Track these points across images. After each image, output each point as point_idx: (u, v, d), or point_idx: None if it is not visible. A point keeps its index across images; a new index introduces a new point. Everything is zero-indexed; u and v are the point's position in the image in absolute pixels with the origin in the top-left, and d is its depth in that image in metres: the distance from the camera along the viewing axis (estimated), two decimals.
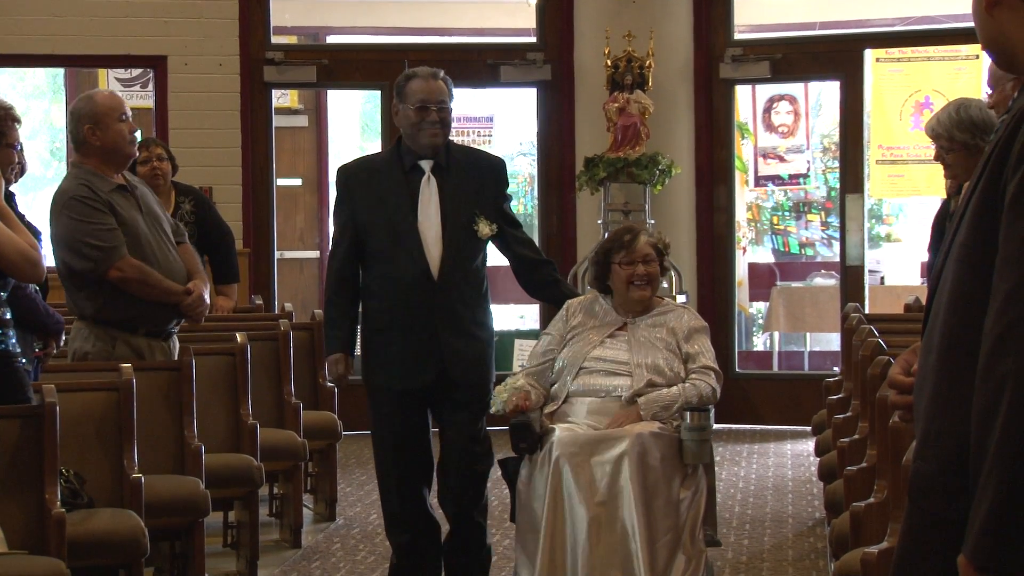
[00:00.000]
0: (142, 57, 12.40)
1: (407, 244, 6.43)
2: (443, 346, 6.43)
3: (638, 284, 6.44)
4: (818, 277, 14.95)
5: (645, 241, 6.49)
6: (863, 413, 7.12)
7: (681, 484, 6.14)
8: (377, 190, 6.53)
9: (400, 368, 6.48)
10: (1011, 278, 2.76)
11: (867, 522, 5.53)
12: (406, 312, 6.45)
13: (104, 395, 6.61)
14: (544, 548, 6.04)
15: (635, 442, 6.02)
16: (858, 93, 12.42)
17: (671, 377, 6.34)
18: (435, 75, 6.64)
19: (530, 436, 6.15)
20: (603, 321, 6.53)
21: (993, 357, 2.76)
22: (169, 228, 7.18)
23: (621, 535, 5.99)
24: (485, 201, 6.57)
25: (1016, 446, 2.72)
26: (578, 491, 6.03)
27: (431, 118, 6.45)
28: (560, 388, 6.43)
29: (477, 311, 6.56)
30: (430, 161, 6.52)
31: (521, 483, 6.22)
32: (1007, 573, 2.71)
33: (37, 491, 5.85)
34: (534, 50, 12.59)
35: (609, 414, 6.27)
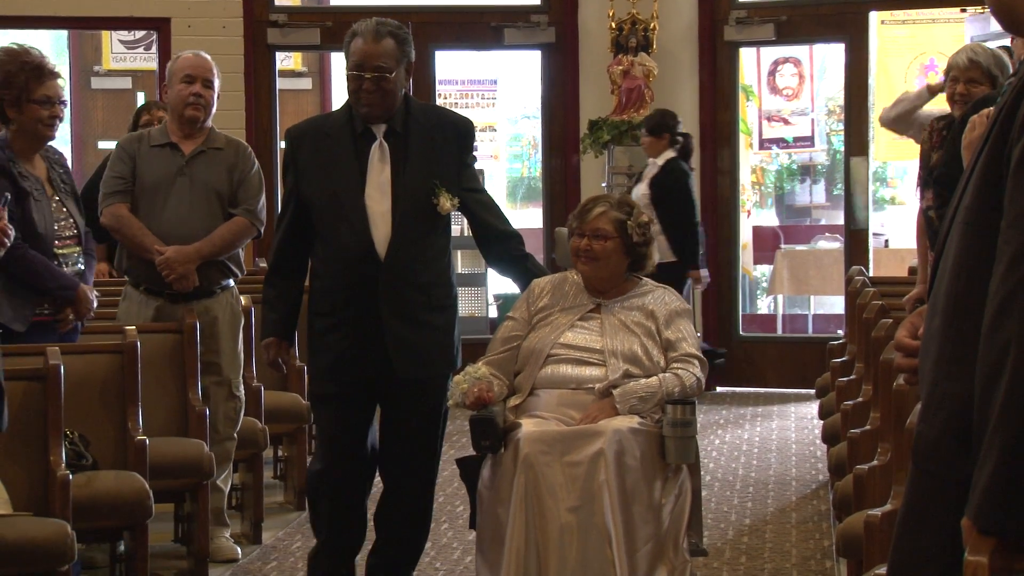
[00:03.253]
0: (145, 19, 12.41)
1: (351, 218, 5.71)
2: (388, 335, 5.69)
3: (582, 258, 5.77)
4: (822, 240, 14.97)
5: (601, 214, 5.77)
6: (867, 376, 7.14)
7: (663, 487, 5.45)
8: (324, 156, 5.82)
9: (340, 358, 5.78)
10: (1016, 241, 2.76)
11: (870, 485, 5.54)
12: (349, 295, 5.73)
13: (108, 357, 6.63)
14: (510, 559, 5.34)
15: (612, 439, 5.33)
16: (863, 56, 12.41)
17: (649, 367, 5.64)
18: (378, 34, 5.73)
19: (493, 432, 5.42)
20: (573, 303, 5.82)
21: (997, 320, 2.77)
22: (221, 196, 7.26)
23: (596, 544, 5.31)
24: (446, 168, 5.80)
25: (1020, 409, 2.73)
26: (548, 494, 5.34)
27: (365, 86, 5.67)
28: (526, 378, 5.70)
29: (433, 294, 5.80)
30: (383, 125, 5.77)
31: (483, 485, 5.51)
32: (1009, 535, 2.73)
33: (41, 453, 5.87)
34: (538, 12, 12.58)
35: (581, 407, 5.57)
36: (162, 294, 7.16)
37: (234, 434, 7.43)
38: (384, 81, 5.67)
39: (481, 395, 5.49)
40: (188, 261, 7.09)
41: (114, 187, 7.08)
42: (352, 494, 5.89)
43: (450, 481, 7.94)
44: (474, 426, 5.45)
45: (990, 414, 2.76)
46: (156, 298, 7.18)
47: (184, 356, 7.17)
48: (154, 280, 7.12)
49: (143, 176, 7.13)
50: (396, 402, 5.82)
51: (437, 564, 7.10)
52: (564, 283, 5.87)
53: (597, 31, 12.05)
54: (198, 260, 7.12)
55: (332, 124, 5.92)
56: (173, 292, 7.15)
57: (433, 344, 5.79)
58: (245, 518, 7.94)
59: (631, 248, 5.76)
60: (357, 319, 5.72)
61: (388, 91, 5.70)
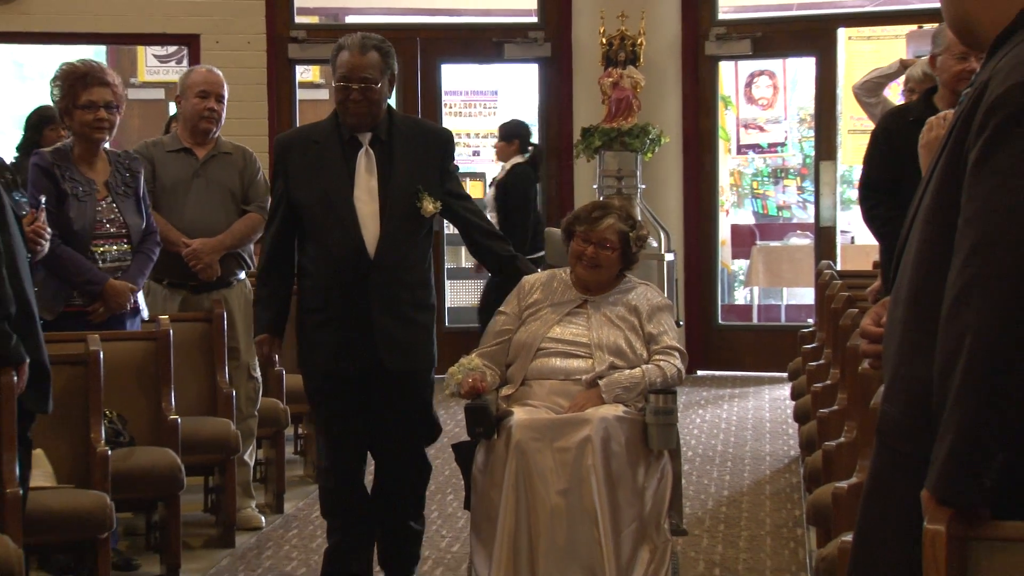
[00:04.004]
0: (177, 36, 12.40)
1: (342, 220, 5.61)
2: (377, 331, 5.60)
3: (584, 263, 5.69)
4: (794, 237, 14.96)
5: (610, 225, 5.69)
6: (835, 361, 7.14)
7: (646, 471, 5.37)
8: (313, 162, 5.70)
9: (331, 352, 5.69)
10: (972, 236, 2.76)
11: (838, 460, 5.54)
12: (339, 292, 5.64)
13: (143, 344, 6.64)
14: (502, 539, 5.26)
15: (599, 427, 5.27)
16: (832, 68, 12.40)
17: (633, 358, 5.57)
18: (364, 47, 5.66)
19: (487, 420, 5.35)
20: (562, 299, 5.73)
21: (955, 308, 2.76)
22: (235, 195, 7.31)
23: (584, 525, 5.25)
24: (429, 175, 5.73)
25: (975, 390, 2.73)
26: (538, 478, 5.27)
27: (352, 96, 5.60)
28: (517, 369, 5.64)
29: (418, 293, 5.74)
30: (368, 134, 5.70)
31: (477, 470, 5.43)
32: (965, 505, 2.73)
33: (83, 431, 5.88)
34: (535, 29, 12.58)
35: (569, 396, 5.50)
36: (184, 286, 7.22)
37: (255, 412, 7.46)
38: (370, 92, 5.60)
39: (475, 385, 5.43)
40: (213, 252, 7.16)
41: None
42: (356, 491, 5.84)
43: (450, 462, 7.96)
44: (468, 414, 5.40)
45: (948, 395, 2.76)
46: (179, 291, 7.24)
47: (212, 342, 7.18)
48: (177, 274, 7.17)
49: (162, 178, 7.19)
50: (386, 394, 5.71)
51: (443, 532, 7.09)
52: (553, 280, 5.79)
53: (589, 46, 12.04)
54: (222, 251, 7.18)
55: (319, 132, 5.80)
56: (195, 284, 7.20)
57: (418, 339, 5.72)
58: (268, 490, 7.95)
59: (627, 256, 5.74)
60: (347, 315, 5.64)
61: (374, 101, 5.63)
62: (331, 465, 5.81)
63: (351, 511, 5.80)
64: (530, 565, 5.25)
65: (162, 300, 7.21)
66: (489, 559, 5.29)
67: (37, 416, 5.35)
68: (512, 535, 5.25)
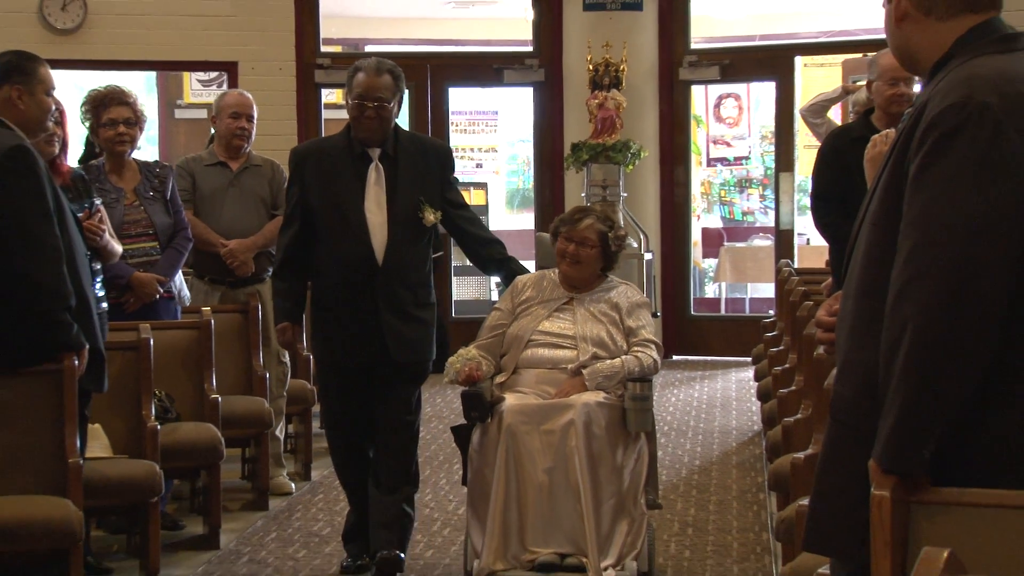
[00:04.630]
0: (218, 63, 12.39)
1: (354, 228, 5.56)
2: (384, 327, 5.56)
3: (567, 260, 5.61)
4: (757, 239, 14.94)
5: (589, 225, 5.61)
6: (792, 347, 7.14)
7: (624, 451, 5.31)
8: (327, 173, 5.64)
9: (343, 345, 5.64)
10: (912, 238, 2.76)
11: (795, 434, 5.54)
12: (350, 292, 5.59)
13: (189, 332, 6.64)
14: (494, 512, 5.21)
15: (581, 411, 5.23)
16: (790, 91, 12.39)
17: (614, 350, 5.50)
18: (379, 70, 5.59)
19: (481, 405, 5.30)
20: (550, 296, 5.64)
21: (898, 302, 2.76)
22: (265, 202, 7.32)
23: (568, 499, 5.21)
24: (431, 187, 5.66)
25: (915, 373, 2.72)
26: (527, 458, 5.23)
27: (367, 114, 5.54)
28: (509, 360, 5.55)
29: (420, 293, 5.68)
30: (378, 149, 5.62)
31: (473, 450, 5.36)
32: (907, 473, 2.73)
33: (136, 408, 5.88)
34: (531, 57, 12.56)
35: (556, 384, 5.44)
36: (223, 282, 7.24)
37: (284, 392, 7.46)
38: (383, 110, 5.55)
39: (471, 374, 5.36)
40: (247, 251, 7.19)
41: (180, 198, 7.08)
42: (360, 458, 5.79)
43: (449, 443, 7.92)
44: (465, 400, 5.35)
45: (892, 378, 2.76)
46: (219, 286, 7.27)
47: (247, 331, 7.19)
48: (216, 271, 7.21)
49: (201, 188, 7.24)
50: (388, 381, 5.66)
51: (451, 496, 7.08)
52: (543, 280, 5.72)
53: (578, 72, 12.03)
54: (255, 250, 7.21)
55: (333, 146, 5.73)
56: (232, 280, 7.22)
57: (420, 334, 5.67)
58: (297, 460, 7.95)
59: (608, 255, 5.66)
60: (356, 312, 5.59)
61: (385, 118, 5.57)
62: (343, 445, 5.83)
63: (358, 483, 5.79)
64: (519, 535, 5.22)
65: (204, 294, 7.23)
66: (483, 530, 5.25)
67: (94, 395, 5.35)
68: (503, 509, 5.21)
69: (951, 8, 2.95)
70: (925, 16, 2.97)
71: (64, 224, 5.05)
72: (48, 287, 4.94)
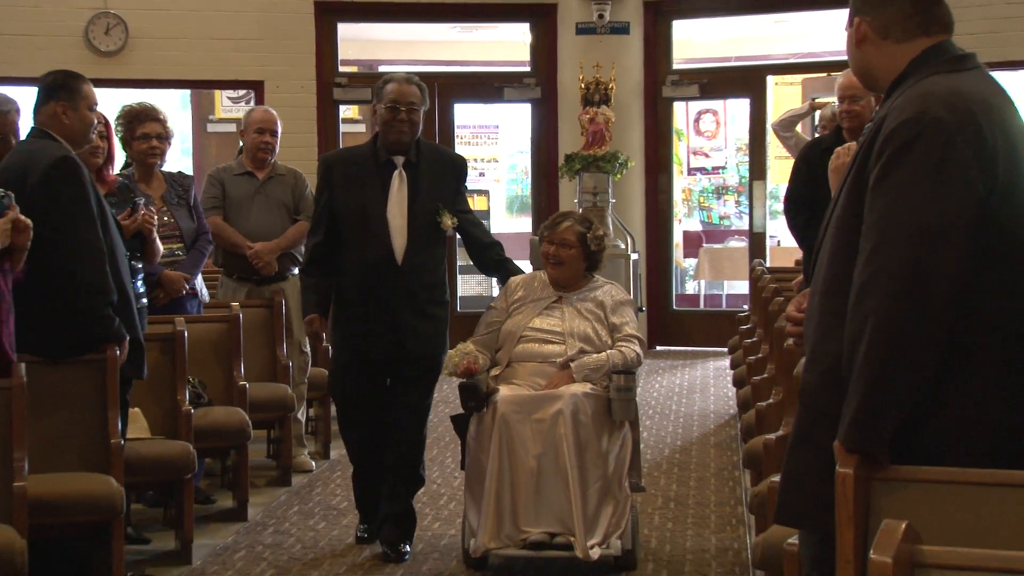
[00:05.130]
0: (246, 81, 12.36)
1: (376, 231, 5.50)
2: (402, 323, 5.51)
3: (550, 262, 5.53)
4: (733, 241, 14.93)
5: (568, 227, 5.52)
6: (765, 338, 7.13)
7: (609, 438, 5.23)
8: (353, 179, 5.57)
9: (363, 339, 5.58)
10: (872, 240, 2.77)
11: (767, 417, 5.53)
12: (372, 291, 5.52)
13: (219, 325, 6.65)
14: (489, 495, 5.16)
15: (569, 401, 5.16)
16: (762, 108, 12.38)
17: (599, 345, 5.42)
18: (409, 80, 5.59)
19: (477, 396, 5.24)
20: (541, 295, 5.55)
21: (859, 298, 2.77)
22: (288, 208, 7.31)
23: (557, 483, 5.14)
24: (447, 194, 5.61)
25: (875, 362, 2.73)
26: (519, 444, 5.17)
27: (400, 117, 5.50)
28: (503, 354, 5.48)
29: (435, 292, 5.62)
30: (401, 157, 5.57)
31: (470, 437, 5.30)
32: (869, 452, 2.73)
33: (172, 394, 5.88)
34: (528, 76, 12.53)
35: (546, 376, 5.37)
36: (250, 280, 7.24)
37: (305, 379, 7.46)
38: (414, 114, 5.52)
39: (469, 367, 5.29)
40: (271, 252, 7.19)
41: (210, 204, 7.16)
42: (374, 444, 5.70)
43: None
44: (462, 392, 5.28)
45: (854, 366, 2.76)
46: (245, 283, 7.27)
47: (272, 324, 7.18)
48: (244, 270, 7.21)
49: (230, 195, 7.24)
50: (404, 373, 5.61)
51: (456, 473, 7.07)
52: (534, 280, 5.64)
53: (571, 89, 12.01)
54: (278, 251, 7.22)
55: (359, 154, 5.69)
56: (258, 278, 7.22)
57: (435, 330, 5.61)
58: (317, 440, 7.95)
59: (589, 254, 5.57)
60: (377, 309, 5.53)
61: (415, 123, 5.54)
62: (351, 435, 5.77)
63: (370, 468, 5.75)
64: (512, 516, 5.17)
65: (232, 291, 7.23)
66: (479, 511, 5.21)
67: (134, 381, 5.35)
68: (496, 492, 5.16)
69: (906, 32, 2.95)
70: (883, 39, 2.97)
71: (106, 227, 5.05)
72: (92, 285, 4.95)
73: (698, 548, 5.85)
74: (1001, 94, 2.92)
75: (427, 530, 6.06)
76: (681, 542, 5.95)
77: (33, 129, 5.18)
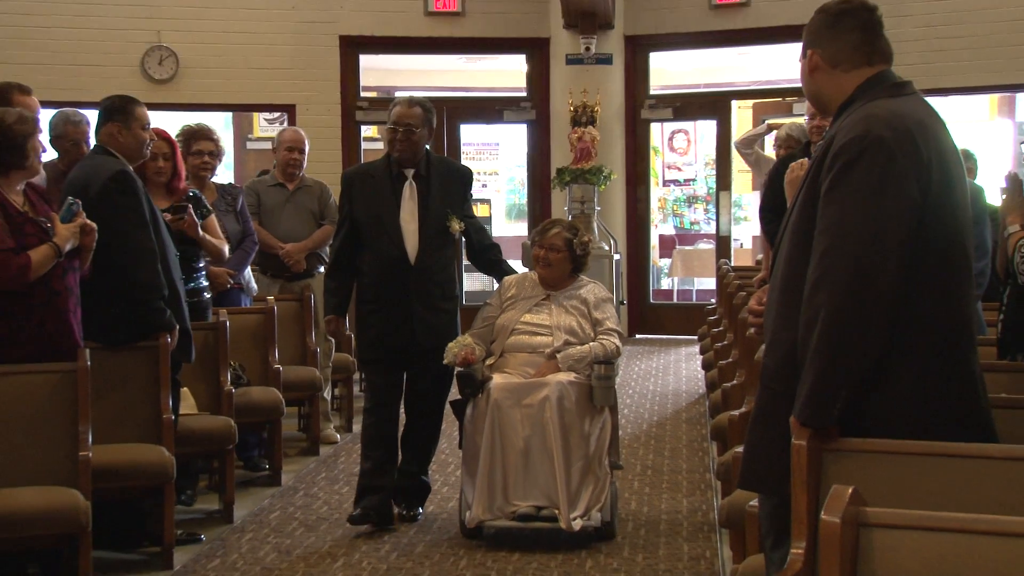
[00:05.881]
0: (280, 105, 12.36)
1: (391, 235, 5.39)
2: (415, 317, 5.39)
3: (540, 263, 5.41)
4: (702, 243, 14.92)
5: (557, 233, 5.42)
6: (730, 328, 7.13)
7: (591, 422, 5.13)
8: (370, 191, 5.47)
9: (382, 332, 5.45)
10: (823, 243, 2.77)
11: (732, 396, 5.53)
12: (388, 289, 5.41)
13: (256, 316, 6.63)
14: (483, 472, 5.08)
15: (555, 389, 5.08)
16: (727, 128, 12.37)
17: (583, 337, 5.32)
18: (411, 103, 5.47)
19: (473, 383, 5.15)
20: (531, 293, 5.44)
21: (813, 293, 2.77)
22: (314, 214, 7.32)
23: (544, 462, 5.06)
24: (455, 202, 5.50)
25: (826, 348, 2.73)
26: (510, 427, 5.09)
27: (398, 136, 5.39)
28: (497, 345, 5.38)
29: (446, 289, 5.48)
30: (412, 170, 5.46)
31: (466, 420, 5.21)
32: (820, 427, 2.72)
33: (215, 375, 5.87)
34: (525, 100, 12.52)
35: (535, 366, 5.28)
36: (282, 276, 7.27)
37: (330, 363, 7.46)
38: (411, 134, 5.41)
39: (466, 357, 5.19)
40: (301, 253, 7.24)
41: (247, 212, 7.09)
42: (390, 428, 5.53)
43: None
44: (460, 379, 5.21)
45: (808, 352, 2.76)
46: (278, 280, 7.30)
47: (303, 315, 7.17)
48: (277, 268, 7.25)
49: (265, 203, 7.28)
50: (419, 363, 5.48)
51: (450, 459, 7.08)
52: (525, 280, 5.53)
53: (561, 112, 12.00)
54: (306, 252, 7.27)
55: (375, 168, 5.57)
56: (289, 275, 7.25)
57: (446, 323, 5.49)
58: (342, 416, 7.94)
59: (575, 258, 5.46)
60: (393, 305, 5.42)
61: (413, 142, 5.42)
62: (372, 408, 5.53)
63: (383, 444, 5.52)
64: (503, 491, 5.10)
65: (266, 286, 7.25)
66: (474, 486, 5.13)
67: (183, 364, 5.34)
68: (489, 469, 5.09)
69: (853, 62, 2.96)
70: (832, 68, 2.98)
71: (158, 232, 5.06)
72: (145, 282, 4.96)
73: (672, 509, 5.85)
74: (934, 116, 2.93)
75: (436, 493, 6.04)
76: (657, 504, 5.94)
77: (95, 146, 5.20)
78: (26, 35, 11.50)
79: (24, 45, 11.45)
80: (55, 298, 4.56)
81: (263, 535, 5.49)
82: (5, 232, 4.46)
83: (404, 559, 5.05)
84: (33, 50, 11.44)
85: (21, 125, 4.54)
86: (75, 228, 4.59)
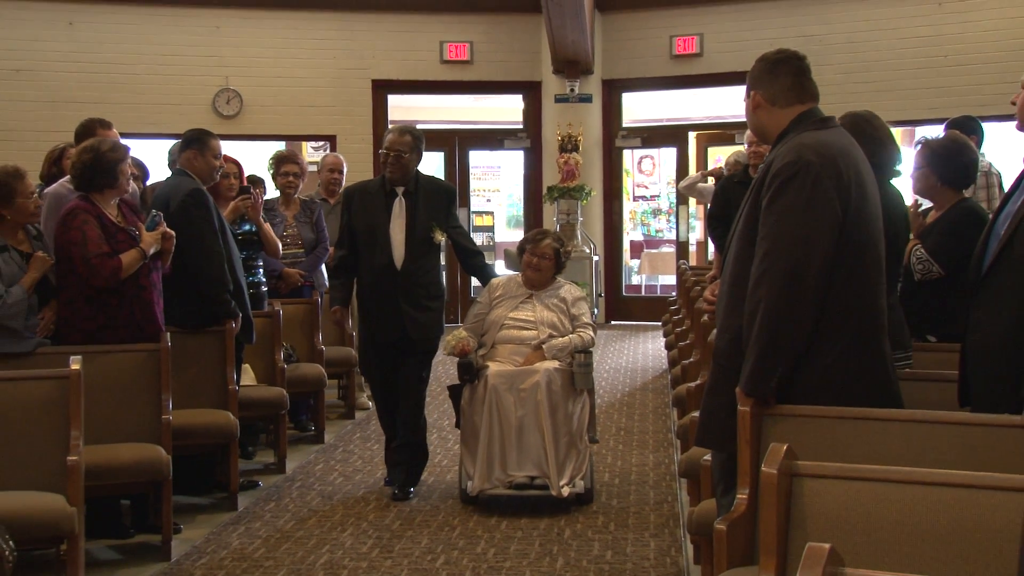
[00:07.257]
0: (323, 135, 12.35)
1: (381, 243, 5.14)
2: (404, 314, 5.12)
3: (531, 269, 5.22)
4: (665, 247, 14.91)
5: (548, 244, 5.22)
6: (687, 315, 7.13)
7: (573, 402, 4.99)
8: (366, 205, 5.21)
9: (375, 327, 5.20)
10: (763, 247, 2.77)
11: (690, 372, 5.53)
12: (380, 289, 5.15)
13: (304, 307, 6.62)
14: (482, 447, 4.94)
15: (544, 375, 4.94)
16: (685, 155, 12.39)
17: (563, 331, 5.14)
18: (402, 131, 5.18)
19: (471, 371, 5.00)
20: (516, 293, 5.24)
21: (755, 288, 2.77)
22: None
23: (535, 437, 4.94)
24: (439, 215, 5.20)
25: (765, 332, 2.73)
26: (505, 408, 4.95)
27: (388, 160, 5.11)
28: (488, 338, 5.19)
29: (430, 290, 5.18)
30: (402, 187, 5.18)
31: (464, 403, 5.02)
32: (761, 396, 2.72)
33: (271, 355, 5.86)
34: (521, 131, 12.52)
35: (523, 355, 5.11)
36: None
37: None
38: (400, 159, 5.10)
39: (463, 347, 5.03)
40: None
41: None
42: (391, 405, 5.29)
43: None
44: (460, 367, 5.03)
45: (751, 336, 2.76)
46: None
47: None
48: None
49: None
50: (408, 354, 5.20)
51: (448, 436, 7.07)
52: (511, 281, 5.29)
53: (551, 141, 12.00)
54: None
55: (371, 186, 5.28)
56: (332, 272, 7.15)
57: (431, 320, 5.20)
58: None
59: (559, 264, 5.27)
60: (383, 303, 5.16)
61: (402, 164, 5.12)
62: (381, 400, 5.31)
63: (390, 424, 5.34)
64: (501, 463, 4.97)
65: None
66: (474, 460, 4.99)
67: (245, 346, 5.34)
68: (487, 445, 4.96)
69: (787, 101, 2.96)
70: (771, 106, 2.98)
71: (225, 238, 5.07)
72: (215, 278, 4.97)
73: (640, 463, 5.85)
74: (854, 145, 2.94)
75: (437, 466, 5.84)
76: (628, 458, 5.95)
77: (176, 168, 5.22)
78: (117, 80, 11.50)
79: (115, 88, 11.44)
80: (142, 292, 4.58)
81: (309, 483, 5.50)
82: (102, 240, 4.48)
83: (423, 503, 5.06)
84: (122, 92, 11.44)
85: (113, 152, 4.56)
86: (158, 235, 4.63)
